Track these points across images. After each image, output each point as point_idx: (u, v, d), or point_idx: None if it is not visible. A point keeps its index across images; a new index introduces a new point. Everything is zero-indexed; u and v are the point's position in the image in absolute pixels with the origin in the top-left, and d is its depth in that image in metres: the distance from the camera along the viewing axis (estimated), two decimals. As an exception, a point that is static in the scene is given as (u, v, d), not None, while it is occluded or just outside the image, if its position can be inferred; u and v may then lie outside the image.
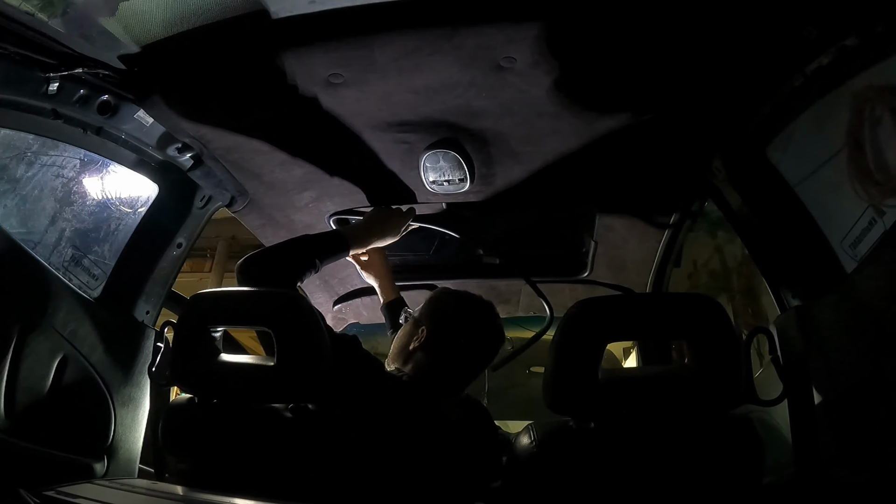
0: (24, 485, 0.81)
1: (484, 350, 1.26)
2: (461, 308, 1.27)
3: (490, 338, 1.26)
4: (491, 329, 1.26)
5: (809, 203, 1.09)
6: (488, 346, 1.26)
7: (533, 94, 1.08)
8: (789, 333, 1.05)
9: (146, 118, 1.21)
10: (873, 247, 0.91)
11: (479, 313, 1.27)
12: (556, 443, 0.95)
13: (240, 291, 1.09)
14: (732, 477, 0.91)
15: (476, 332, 1.24)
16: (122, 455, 1.23)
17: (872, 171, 0.93)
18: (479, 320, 1.26)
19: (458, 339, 1.21)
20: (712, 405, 0.92)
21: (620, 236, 1.63)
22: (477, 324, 1.25)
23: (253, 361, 1.09)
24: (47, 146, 1.17)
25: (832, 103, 0.98)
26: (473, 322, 1.25)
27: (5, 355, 1.01)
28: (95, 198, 1.31)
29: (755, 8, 0.90)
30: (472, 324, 1.24)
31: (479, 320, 1.26)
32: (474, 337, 1.23)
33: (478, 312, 1.27)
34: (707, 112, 1.13)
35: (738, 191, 1.24)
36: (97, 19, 0.95)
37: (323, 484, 0.97)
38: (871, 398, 0.87)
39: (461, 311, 1.27)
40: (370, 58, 1.00)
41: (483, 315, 1.27)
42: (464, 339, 1.21)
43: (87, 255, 1.27)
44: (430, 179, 1.36)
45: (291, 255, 1.24)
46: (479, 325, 1.25)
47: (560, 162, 1.32)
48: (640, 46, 0.97)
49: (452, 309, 1.27)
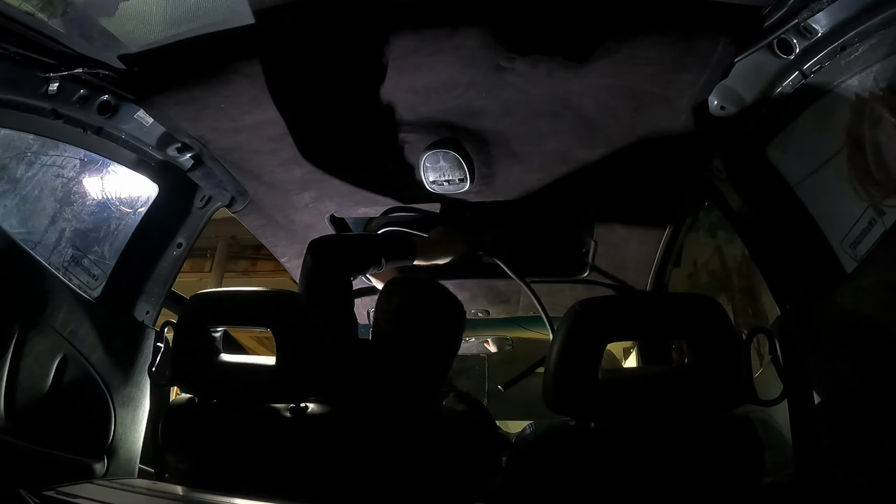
0: (24, 485, 0.81)
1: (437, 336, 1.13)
2: (387, 304, 1.14)
3: (438, 323, 1.13)
4: (438, 313, 1.13)
5: (809, 203, 1.10)
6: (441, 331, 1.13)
7: (533, 94, 1.08)
8: (789, 333, 1.05)
9: (146, 118, 1.21)
10: (873, 247, 0.91)
11: (419, 303, 1.14)
12: (556, 443, 0.95)
13: (240, 291, 1.09)
14: (732, 477, 0.91)
15: (423, 324, 1.12)
16: (122, 455, 1.23)
17: (872, 171, 0.93)
18: (421, 310, 1.13)
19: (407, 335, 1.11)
20: (712, 405, 0.92)
21: (620, 236, 1.63)
22: (421, 315, 1.12)
23: (253, 361, 1.08)
24: (47, 146, 1.17)
25: (832, 103, 0.98)
26: (415, 314, 1.12)
27: (5, 355, 1.01)
28: (95, 198, 1.31)
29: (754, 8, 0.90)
30: (415, 316, 1.12)
31: (422, 310, 1.13)
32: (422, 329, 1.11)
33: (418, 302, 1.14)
34: (707, 112, 1.13)
35: (738, 191, 1.24)
36: (97, 19, 0.95)
37: (323, 484, 0.97)
38: (870, 398, 0.87)
39: (388, 307, 1.14)
40: (370, 58, 1.00)
41: (424, 302, 1.14)
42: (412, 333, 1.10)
43: (87, 255, 1.27)
44: (430, 179, 1.36)
45: (363, 247, 1.26)
46: (423, 316, 1.12)
47: (560, 162, 1.32)
48: (640, 46, 0.97)
49: (381, 308, 1.14)
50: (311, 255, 1.17)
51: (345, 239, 1.30)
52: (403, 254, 1.33)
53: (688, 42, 0.96)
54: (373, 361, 1.12)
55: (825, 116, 1.01)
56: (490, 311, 2.07)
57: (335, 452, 0.99)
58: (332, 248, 1.20)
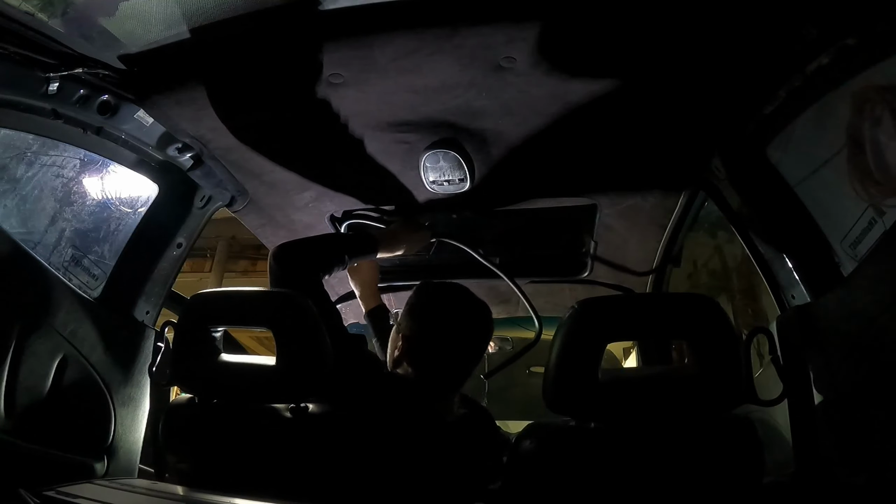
0: (24, 485, 0.81)
1: (465, 341, 1.15)
2: (430, 306, 1.18)
3: (467, 328, 1.15)
4: (467, 318, 1.16)
5: (809, 203, 1.10)
6: (469, 337, 1.16)
7: (533, 94, 1.08)
8: (789, 333, 1.05)
9: (146, 118, 1.21)
10: (873, 247, 0.91)
11: (450, 306, 1.16)
12: (556, 443, 0.95)
13: (240, 291, 1.09)
14: (732, 477, 0.91)
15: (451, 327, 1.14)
16: (122, 455, 1.23)
17: (872, 171, 0.93)
18: (451, 314, 1.15)
19: (434, 338, 1.13)
20: (712, 405, 0.92)
21: (620, 236, 1.63)
22: (450, 318, 1.15)
23: (253, 361, 1.08)
24: (47, 146, 1.17)
25: (832, 103, 0.98)
26: (445, 317, 1.15)
27: (5, 355, 1.01)
28: (95, 198, 1.31)
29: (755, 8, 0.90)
30: (445, 319, 1.15)
31: (452, 313, 1.15)
32: (450, 332, 1.14)
33: (449, 305, 1.17)
34: (707, 112, 1.13)
35: (738, 191, 1.24)
36: (97, 19, 0.95)
37: (322, 484, 0.97)
38: (870, 398, 0.87)
39: (430, 309, 1.17)
40: (370, 58, 1.00)
41: (455, 306, 1.17)
42: (440, 336, 1.13)
43: (87, 255, 1.27)
44: (430, 179, 1.36)
45: (324, 248, 1.29)
46: (452, 320, 1.15)
47: (560, 162, 1.32)
48: (640, 47, 0.97)
49: (421, 309, 1.17)
50: (275, 262, 1.17)
51: (306, 242, 1.31)
52: (366, 248, 1.37)
53: (688, 42, 0.96)
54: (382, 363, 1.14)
55: (825, 116, 1.01)
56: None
57: (335, 453, 0.99)
58: (294, 253, 1.20)
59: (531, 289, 1.77)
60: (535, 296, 1.70)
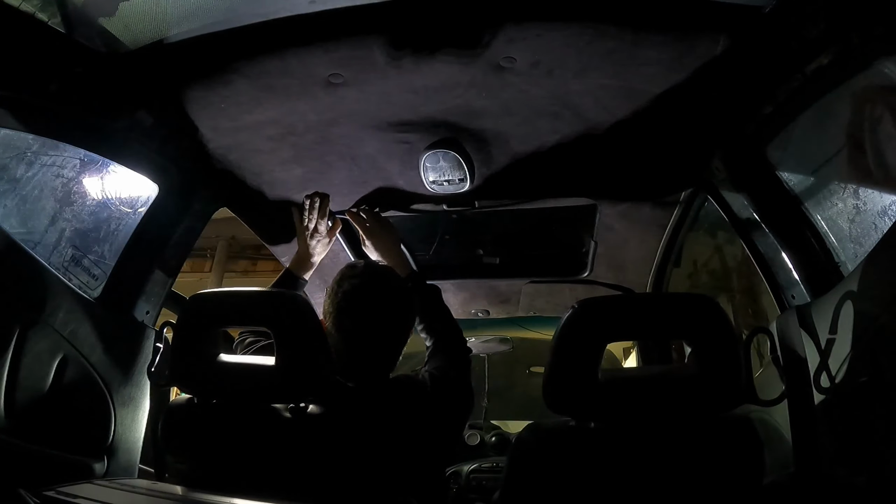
0: (24, 485, 0.81)
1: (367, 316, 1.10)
2: (335, 285, 1.12)
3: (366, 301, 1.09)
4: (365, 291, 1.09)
5: (809, 203, 1.10)
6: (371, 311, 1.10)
7: (533, 94, 1.08)
8: (789, 333, 1.05)
9: (146, 118, 1.21)
10: (873, 247, 0.91)
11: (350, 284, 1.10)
12: (556, 443, 0.95)
13: (240, 291, 1.09)
14: (733, 477, 0.91)
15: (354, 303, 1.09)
16: (122, 455, 1.23)
17: (872, 171, 0.93)
18: (350, 289, 1.10)
19: (340, 318, 1.09)
20: (712, 405, 0.92)
21: (620, 236, 1.63)
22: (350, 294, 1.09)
23: (253, 361, 1.08)
24: (47, 146, 1.17)
25: (832, 103, 0.98)
26: (346, 294, 1.09)
27: (5, 355, 1.01)
28: (95, 198, 1.31)
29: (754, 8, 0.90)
30: (345, 296, 1.09)
31: (351, 289, 1.10)
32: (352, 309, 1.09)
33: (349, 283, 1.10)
34: (707, 112, 1.13)
35: (738, 191, 1.25)
36: (97, 19, 0.95)
37: (322, 484, 0.97)
38: (870, 398, 0.87)
39: (334, 289, 1.12)
40: (370, 58, 1.00)
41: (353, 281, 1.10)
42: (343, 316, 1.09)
43: (87, 255, 1.27)
44: (430, 179, 1.36)
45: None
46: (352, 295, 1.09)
47: (560, 162, 1.32)
48: (640, 47, 0.97)
49: (330, 291, 1.13)
50: None
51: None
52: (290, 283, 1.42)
53: (688, 42, 0.96)
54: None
55: (825, 116, 1.01)
56: (490, 311, 2.07)
57: (335, 453, 0.99)
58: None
59: (531, 289, 1.77)
60: (535, 296, 1.70)
